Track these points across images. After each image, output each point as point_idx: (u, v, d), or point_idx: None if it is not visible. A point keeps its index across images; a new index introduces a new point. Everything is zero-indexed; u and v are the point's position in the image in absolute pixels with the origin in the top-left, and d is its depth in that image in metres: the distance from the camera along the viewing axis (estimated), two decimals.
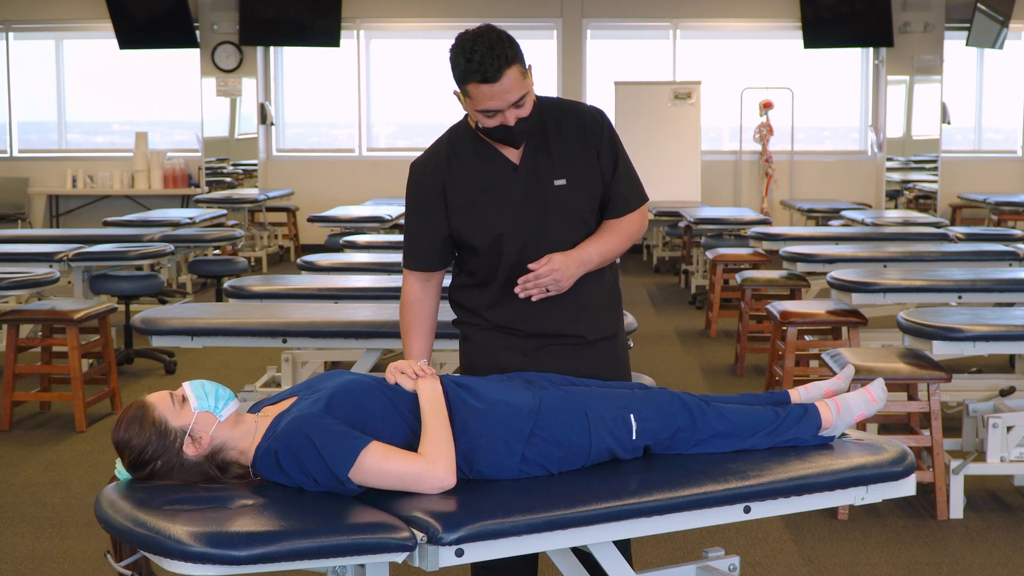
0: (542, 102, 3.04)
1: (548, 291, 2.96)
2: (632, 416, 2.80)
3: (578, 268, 2.98)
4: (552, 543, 2.53)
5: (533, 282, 2.93)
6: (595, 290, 3.09)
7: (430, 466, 2.56)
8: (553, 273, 2.92)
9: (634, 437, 2.79)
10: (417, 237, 3.11)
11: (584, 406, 2.78)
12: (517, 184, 3.02)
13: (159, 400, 2.63)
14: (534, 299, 2.98)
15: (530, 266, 2.94)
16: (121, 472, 2.63)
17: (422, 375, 2.77)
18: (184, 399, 2.64)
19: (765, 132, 13.53)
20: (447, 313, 4.90)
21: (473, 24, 2.95)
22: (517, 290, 2.95)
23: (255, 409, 2.78)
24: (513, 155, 3.03)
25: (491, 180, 3.03)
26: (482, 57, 2.80)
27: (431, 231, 3.08)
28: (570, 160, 3.03)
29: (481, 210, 3.03)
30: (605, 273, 3.13)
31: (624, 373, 3.19)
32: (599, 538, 2.60)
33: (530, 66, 2.93)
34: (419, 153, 3.16)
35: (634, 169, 3.15)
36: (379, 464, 2.53)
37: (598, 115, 3.09)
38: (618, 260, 3.20)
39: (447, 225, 3.06)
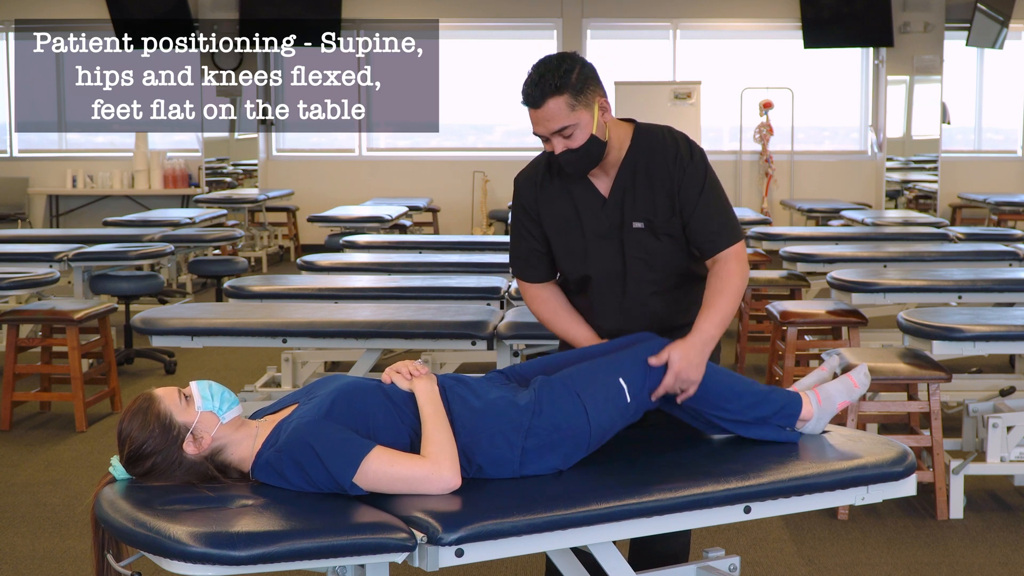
0: (642, 134, 3.03)
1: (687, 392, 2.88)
2: (621, 379, 2.81)
3: (700, 352, 2.86)
4: (552, 543, 2.53)
5: (664, 393, 2.88)
6: (683, 318, 3.07)
7: (435, 468, 2.56)
8: (679, 375, 2.83)
9: (628, 400, 2.80)
10: (522, 250, 3.15)
11: (575, 386, 2.78)
12: (603, 220, 3.04)
13: (166, 394, 2.64)
14: (679, 400, 2.90)
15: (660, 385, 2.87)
16: (117, 469, 2.63)
17: (417, 375, 2.77)
18: (190, 397, 2.65)
19: (765, 132, 13.53)
20: (447, 314, 4.91)
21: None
22: (654, 397, 2.87)
23: (256, 417, 2.78)
24: (603, 187, 3.05)
25: (580, 209, 3.05)
26: (532, 83, 2.88)
27: (533, 243, 3.13)
28: (651, 202, 3.01)
29: (568, 238, 3.07)
30: (692, 307, 3.06)
31: None
32: (599, 538, 2.60)
33: (602, 102, 2.90)
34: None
35: (727, 206, 3.03)
36: (383, 469, 2.53)
37: (684, 147, 3.01)
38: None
39: (546, 239, 3.11)
